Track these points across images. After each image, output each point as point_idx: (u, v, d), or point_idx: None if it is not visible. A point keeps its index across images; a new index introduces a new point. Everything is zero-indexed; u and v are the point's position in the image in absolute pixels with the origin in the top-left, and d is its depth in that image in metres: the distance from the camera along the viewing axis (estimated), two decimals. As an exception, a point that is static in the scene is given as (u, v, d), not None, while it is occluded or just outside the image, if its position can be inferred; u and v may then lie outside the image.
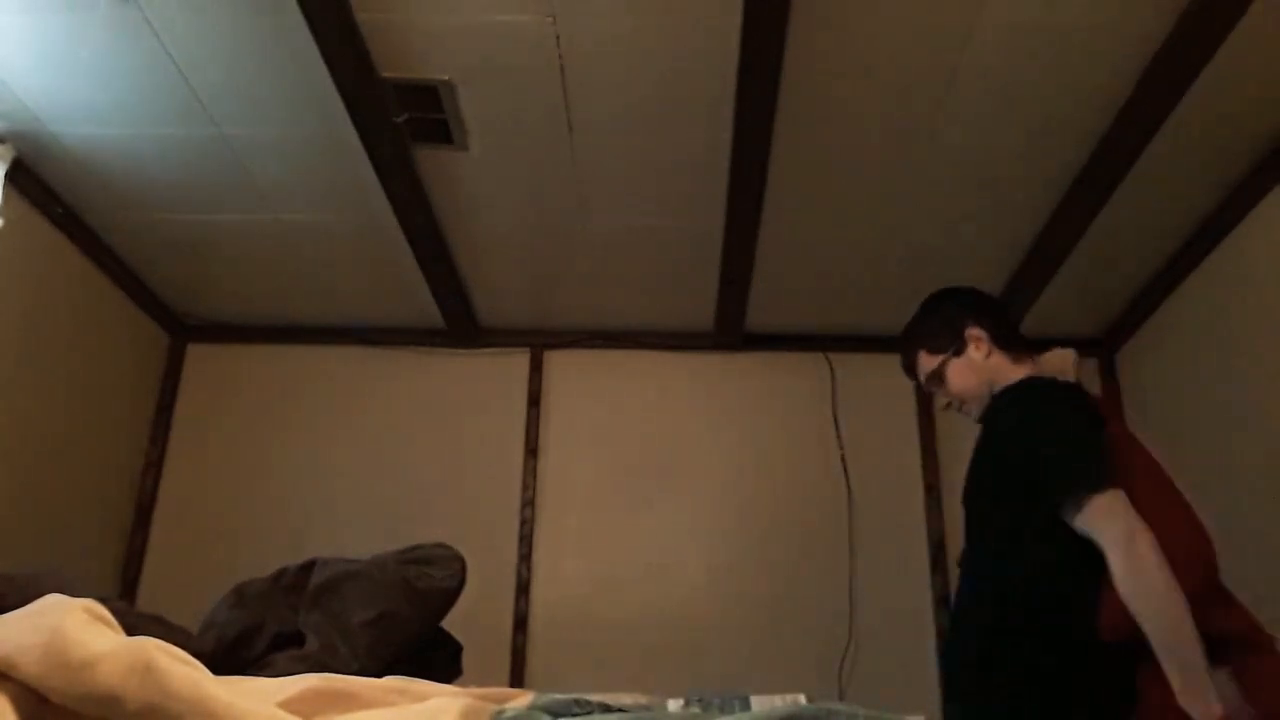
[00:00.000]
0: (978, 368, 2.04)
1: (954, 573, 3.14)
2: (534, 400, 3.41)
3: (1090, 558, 1.69)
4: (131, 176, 2.68)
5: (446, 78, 2.31)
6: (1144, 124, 2.34)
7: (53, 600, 0.95)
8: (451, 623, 1.99)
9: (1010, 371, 2.01)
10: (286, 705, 1.06)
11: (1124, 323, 3.27)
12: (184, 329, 3.46)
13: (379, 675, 1.45)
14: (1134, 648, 1.64)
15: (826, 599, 3.14)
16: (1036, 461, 1.80)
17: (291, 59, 2.24)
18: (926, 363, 2.09)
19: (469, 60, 2.26)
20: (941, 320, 2.10)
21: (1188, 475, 2.89)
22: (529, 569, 3.21)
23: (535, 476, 3.32)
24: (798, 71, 2.24)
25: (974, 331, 2.05)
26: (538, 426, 3.38)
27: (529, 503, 3.29)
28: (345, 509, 3.23)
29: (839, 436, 3.32)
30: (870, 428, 3.36)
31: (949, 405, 2.12)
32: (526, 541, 3.24)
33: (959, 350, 2.05)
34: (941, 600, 3.13)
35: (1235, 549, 2.67)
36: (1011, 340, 2.07)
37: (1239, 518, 2.67)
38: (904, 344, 2.16)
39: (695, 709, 1.64)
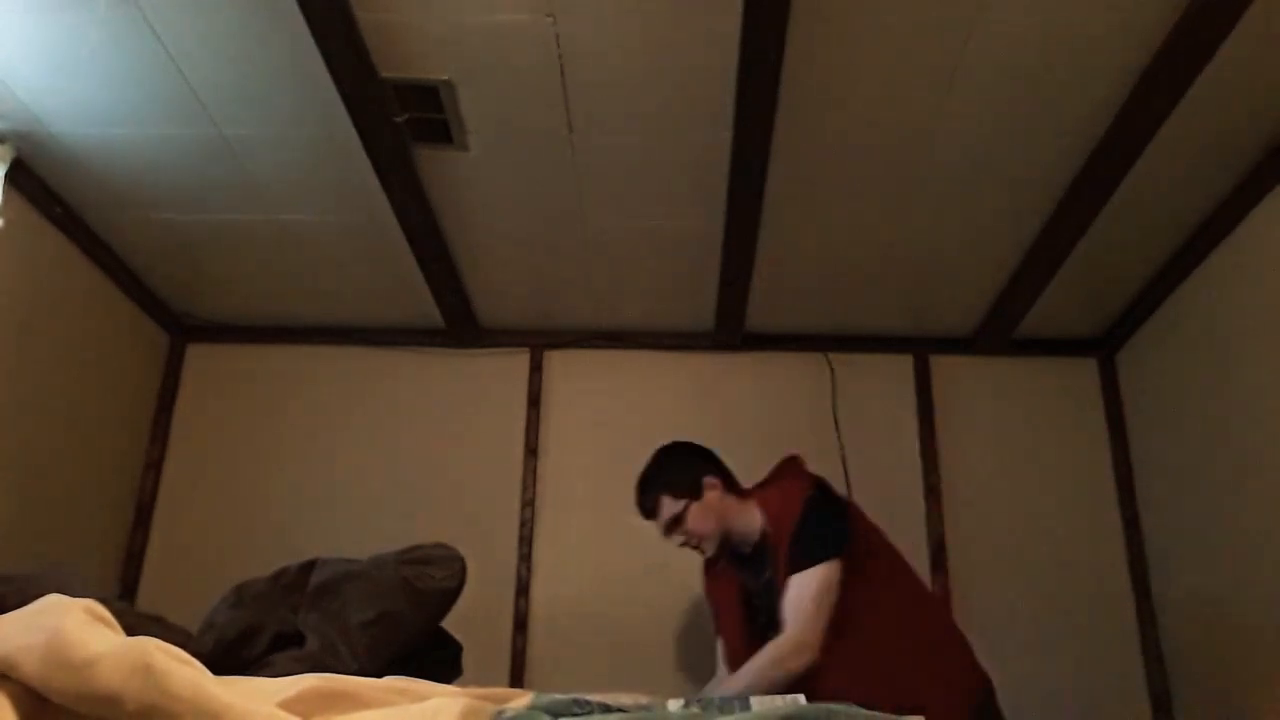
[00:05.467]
0: (715, 511, 2.33)
1: (955, 573, 3.15)
2: (534, 400, 3.40)
3: None
4: (131, 176, 2.68)
5: (446, 78, 2.31)
6: (1144, 124, 2.34)
7: (53, 600, 0.95)
8: (451, 623, 1.99)
9: (741, 511, 2.33)
10: (286, 705, 1.06)
11: (1124, 323, 3.27)
12: (184, 329, 3.46)
13: (379, 675, 1.45)
14: None
15: (826, 599, 3.13)
16: None
17: (291, 59, 2.24)
18: (669, 506, 2.35)
19: (469, 60, 2.26)
20: (681, 468, 2.38)
21: (1188, 474, 2.92)
22: (529, 569, 3.21)
23: (535, 476, 3.32)
24: (798, 72, 2.24)
25: (711, 480, 2.35)
26: (538, 426, 3.37)
27: (529, 503, 3.28)
28: (345, 509, 3.23)
29: (839, 436, 3.31)
30: (870, 428, 3.35)
31: (684, 544, 2.39)
32: (526, 541, 3.24)
33: (698, 495, 2.33)
34: (943, 601, 3.12)
35: (1237, 549, 2.68)
36: (736, 485, 2.40)
37: (1240, 517, 2.67)
38: (644, 489, 2.41)
39: (695, 709, 1.63)
